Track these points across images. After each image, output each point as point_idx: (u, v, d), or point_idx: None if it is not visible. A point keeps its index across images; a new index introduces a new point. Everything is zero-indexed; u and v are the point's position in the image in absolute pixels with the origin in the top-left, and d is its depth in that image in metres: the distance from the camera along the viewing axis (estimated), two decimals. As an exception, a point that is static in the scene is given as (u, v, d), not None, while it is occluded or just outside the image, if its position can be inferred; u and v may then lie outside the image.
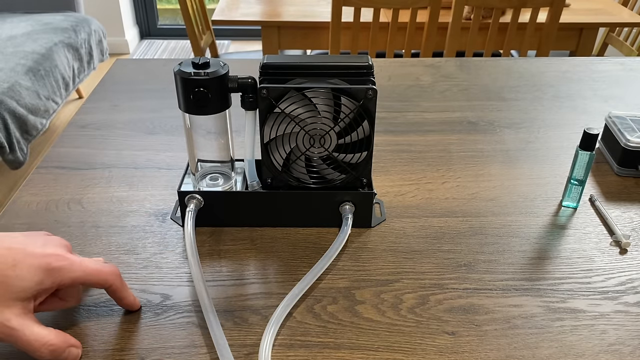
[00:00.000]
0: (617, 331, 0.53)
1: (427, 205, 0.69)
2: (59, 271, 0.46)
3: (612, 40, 2.44)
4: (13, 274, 0.44)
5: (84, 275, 0.47)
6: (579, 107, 0.94)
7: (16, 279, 0.44)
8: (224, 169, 0.66)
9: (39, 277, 0.45)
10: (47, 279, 0.45)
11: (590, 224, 0.67)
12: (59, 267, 0.46)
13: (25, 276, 0.44)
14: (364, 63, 0.60)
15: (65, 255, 0.47)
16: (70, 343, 0.47)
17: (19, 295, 0.44)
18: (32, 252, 0.45)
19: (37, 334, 0.44)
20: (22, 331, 0.44)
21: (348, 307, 0.55)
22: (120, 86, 0.99)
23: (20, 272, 0.44)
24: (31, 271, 0.44)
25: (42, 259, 0.45)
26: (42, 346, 0.44)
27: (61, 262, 0.46)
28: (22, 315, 0.44)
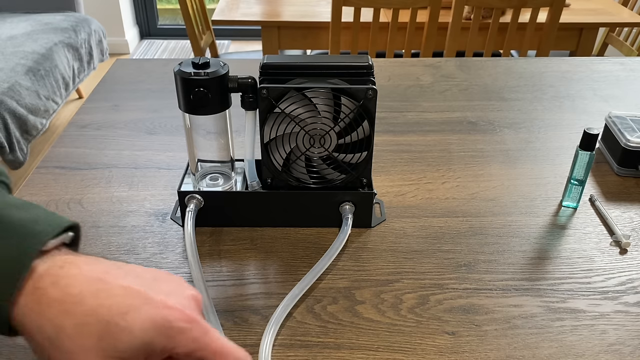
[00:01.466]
0: (617, 331, 0.52)
1: (427, 205, 0.69)
2: (179, 334, 0.34)
3: (612, 40, 2.44)
4: (123, 324, 0.33)
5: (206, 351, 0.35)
6: (579, 107, 0.94)
7: (125, 331, 0.33)
8: (224, 169, 0.66)
9: (150, 336, 0.33)
10: (160, 340, 0.34)
11: (590, 224, 0.67)
12: (180, 329, 0.34)
13: (135, 330, 0.33)
14: (364, 63, 0.60)
15: (192, 315, 0.35)
16: None
17: (124, 354, 0.33)
18: (153, 299, 0.34)
19: None
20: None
21: (348, 307, 0.55)
22: (120, 86, 0.99)
23: (132, 323, 0.33)
24: (144, 325, 0.33)
25: (162, 311, 0.34)
26: None
27: (185, 323, 0.34)
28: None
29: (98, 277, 0.34)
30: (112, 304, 0.33)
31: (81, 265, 0.35)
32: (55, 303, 0.32)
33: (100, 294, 0.33)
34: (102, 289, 0.34)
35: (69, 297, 0.33)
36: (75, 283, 0.33)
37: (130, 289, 0.34)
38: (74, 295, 0.33)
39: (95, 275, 0.34)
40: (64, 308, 0.32)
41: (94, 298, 0.33)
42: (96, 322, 0.32)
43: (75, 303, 0.32)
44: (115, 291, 0.34)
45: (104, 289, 0.34)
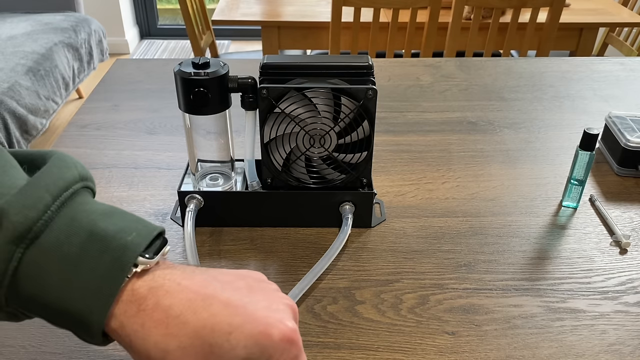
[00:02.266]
0: (617, 331, 0.52)
1: (427, 205, 0.69)
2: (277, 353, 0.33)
3: (612, 40, 2.44)
4: (227, 346, 0.32)
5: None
6: (579, 107, 0.94)
7: (229, 353, 0.32)
8: (224, 169, 0.66)
9: (250, 353, 0.33)
10: (258, 356, 0.33)
11: (590, 224, 0.67)
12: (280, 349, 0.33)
13: (238, 350, 0.32)
14: (364, 63, 0.60)
15: (293, 334, 0.34)
16: None
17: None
18: (254, 314, 0.33)
19: None
20: None
21: (348, 307, 0.55)
22: (120, 86, 0.99)
23: (236, 344, 0.32)
24: (247, 343, 0.32)
25: (265, 328, 0.33)
26: None
27: (286, 343, 0.33)
28: None
29: (198, 293, 0.34)
30: (214, 324, 0.32)
31: (180, 282, 0.34)
32: (159, 326, 0.32)
33: (202, 314, 0.33)
34: (204, 308, 0.33)
35: (172, 319, 0.32)
36: (176, 303, 0.33)
37: (231, 306, 0.33)
38: (176, 317, 0.32)
39: (195, 291, 0.34)
40: (168, 332, 0.32)
41: (196, 319, 0.32)
42: (201, 344, 0.32)
43: (178, 325, 0.32)
44: (216, 309, 0.33)
45: (205, 308, 0.33)
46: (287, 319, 0.35)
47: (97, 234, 0.33)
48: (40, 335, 0.51)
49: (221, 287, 0.35)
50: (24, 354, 0.49)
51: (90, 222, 0.34)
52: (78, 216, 0.34)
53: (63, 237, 0.32)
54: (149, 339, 0.32)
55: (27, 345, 0.50)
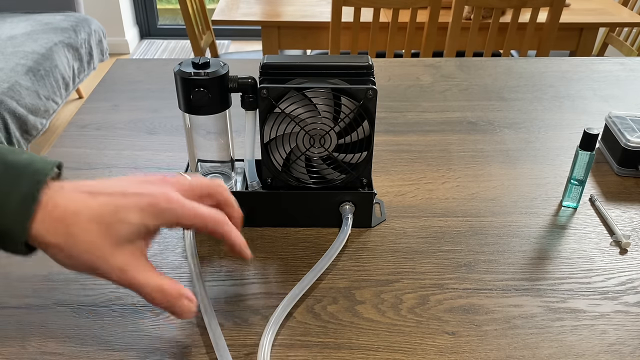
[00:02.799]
0: (617, 331, 0.53)
1: (427, 205, 0.69)
2: (164, 213, 0.43)
3: (612, 40, 2.44)
4: (116, 219, 0.42)
5: (187, 217, 0.44)
6: (579, 107, 0.94)
7: (121, 223, 0.42)
8: (224, 169, 0.66)
9: (144, 219, 0.42)
10: (152, 220, 0.43)
11: (590, 224, 0.67)
12: (164, 209, 0.43)
13: (129, 219, 0.42)
14: (364, 63, 0.60)
15: (171, 195, 0.44)
16: (184, 294, 0.44)
17: (128, 237, 0.42)
18: (135, 192, 0.43)
19: (150, 278, 0.43)
20: (135, 274, 0.43)
21: (348, 307, 0.55)
22: (120, 86, 0.99)
23: (124, 215, 0.42)
24: (135, 214, 0.42)
25: (146, 198, 0.43)
26: (154, 291, 0.43)
27: (166, 204, 0.43)
28: (136, 258, 0.43)
29: (86, 190, 0.43)
30: (103, 210, 0.42)
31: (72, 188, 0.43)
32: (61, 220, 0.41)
33: (94, 202, 0.42)
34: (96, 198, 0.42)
35: (69, 213, 0.41)
36: (73, 200, 0.42)
37: (115, 192, 0.43)
38: (73, 208, 0.41)
39: (87, 189, 0.43)
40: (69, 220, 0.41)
41: (91, 207, 0.42)
42: (98, 223, 0.41)
43: (76, 214, 0.41)
44: (102, 200, 0.42)
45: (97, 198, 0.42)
46: (165, 189, 0.44)
47: (10, 164, 0.40)
48: (40, 335, 0.51)
49: (107, 185, 0.44)
50: (24, 354, 0.49)
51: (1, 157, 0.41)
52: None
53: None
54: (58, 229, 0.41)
55: (27, 345, 0.50)
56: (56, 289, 0.56)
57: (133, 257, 0.43)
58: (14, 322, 0.52)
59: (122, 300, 0.55)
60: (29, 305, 0.54)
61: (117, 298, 0.55)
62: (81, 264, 0.42)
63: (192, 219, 0.44)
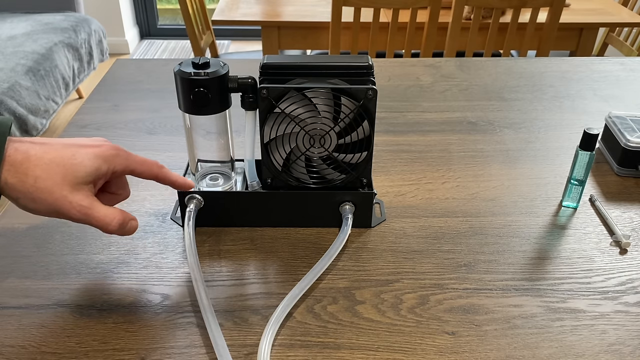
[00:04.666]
0: (617, 331, 0.53)
1: (427, 205, 0.69)
2: (114, 158, 0.51)
3: (612, 40, 2.44)
4: (74, 162, 0.49)
5: (133, 163, 0.53)
6: (579, 107, 0.94)
7: (79, 165, 0.49)
8: (224, 169, 0.66)
9: (97, 163, 0.50)
10: (104, 164, 0.51)
11: (590, 224, 0.67)
12: (113, 155, 0.51)
13: (85, 163, 0.49)
14: (364, 63, 0.60)
15: (115, 146, 0.53)
16: (130, 217, 0.53)
17: (85, 179, 0.49)
18: (86, 144, 0.51)
19: (106, 210, 0.51)
20: (94, 210, 0.50)
21: (348, 307, 0.55)
22: (120, 86, 0.99)
23: (81, 160, 0.49)
24: (89, 159, 0.50)
25: (96, 148, 0.51)
26: (112, 221, 0.51)
27: (114, 150, 0.52)
28: (90, 197, 0.50)
29: (42, 142, 0.50)
30: (61, 154, 0.49)
31: (28, 140, 0.50)
32: (24, 163, 0.48)
33: (50, 151, 0.49)
34: (50, 148, 0.49)
35: (31, 157, 0.48)
36: (30, 149, 0.48)
37: (67, 143, 0.51)
38: (33, 155, 0.48)
39: (40, 141, 0.50)
40: (32, 164, 0.48)
41: (47, 154, 0.49)
42: (57, 165, 0.48)
43: (37, 159, 0.48)
44: (58, 147, 0.50)
45: (51, 148, 0.49)
46: (109, 144, 0.53)
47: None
48: (40, 335, 0.51)
49: (60, 140, 0.51)
50: (24, 354, 0.49)
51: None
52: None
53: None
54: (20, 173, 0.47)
55: (27, 345, 0.50)
56: (56, 289, 0.56)
57: (87, 196, 0.50)
58: (14, 322, 0.52)
59: (122, 300, 0.55)
60: (29, 305, 0.54)
61: (117, 298, 0.55)
62: (44, 206, 0.48)
63: (140, 164, 0.53)
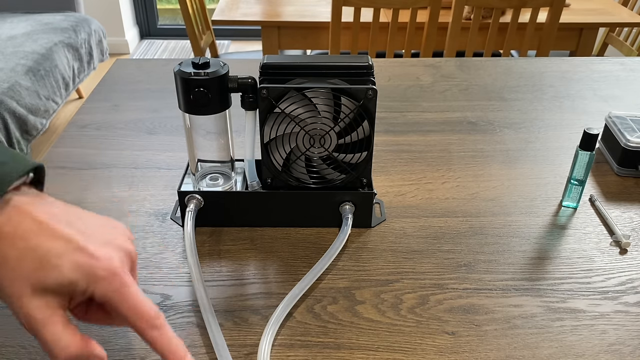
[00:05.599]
0: (617, 331, 0.53)
1: (427, 205, 0.69)
2: (100, 280, 0.39)
3: (612, 40, 2.44)
4: (54, 263, 0.39)
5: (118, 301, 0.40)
6: (579, 107, 0.94)
7: (55, 269, 0.39)
8: (224, 169, 0.66)
9: (76, 277, 0.39)
10: (82, 282, 0.39)
11: (590, 224, 0.67)
12: (101, 277, 0.39)
13: (64, 270, 0.39)
14: (364, 63, 0.60)
15: (116, 268, 0.40)
16: (93, 353, 0.40)
17: (53, 288, 0.39)
18: (85, 248, 0.40)
19: (59, 335, 0.39)
20: (44, 327, 0.39)
21: (348, 307, 0.55)
22: (120, 86, 0.99)
23: (62, 264, 0.39)
24: (70, 268, 0.39)
25: (89, 259, 0.39)
26: (61, 351, 0.39)
27: (107, 273, 0.40)
28: (50, 309, 0.39)
29: (46, 220, 0.40)
30: (50, 247, 0.39)
31: (37, 207, 0.40)
32: (6, 238, 0.38)
33: (42, 235, 0.39)
34: (46, 232, 0.39)
35: (18, 233, 0.39)
36: (25, 223, 0.39)
37: (70, 236, 0.40)
38: (21, 233, 0.39)
39: (45, 218, 0.40)
40: (12, 242, 0.38)
41: (36, 238, 0.39)
42: (32, 258, 0.38)
43: (21, 239, 0.39)
44: (56, 235, 0.39)
45: (47, 232, 0.39)
46: (116, 260, 0.41)
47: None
48: (40, 335, 0.51)
49: (69, 221, 0.41)
50: (24, 354, 0.49)
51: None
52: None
53: None
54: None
55: (27, 345, 0.50)
56: (56, 289, 0.56)
57: (48, 308, 0.39)
58: (14, 322, 0.52)
59: (122, 300, 0.55)
60: (29, 305, 0.54)
61: (117, 298, 0.55)
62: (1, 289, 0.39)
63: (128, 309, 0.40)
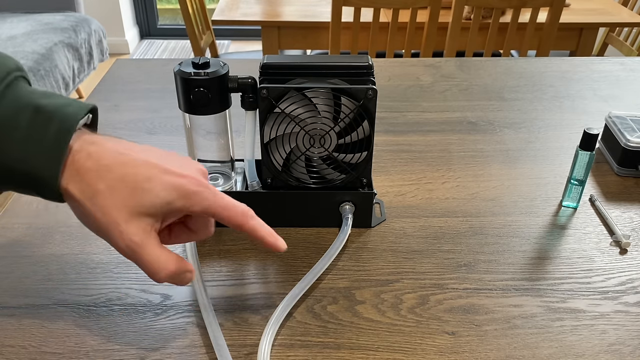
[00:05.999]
0: (617, 331, 0.53)
1: (427, 205, 0.69)
2: (193, 195, 0.42)
3: (612, 40, 2.44)
4: (146, 187, 0.41)
5: (216, 207, 0.44)
6: (579, 107, 0.94)
7: (148, 192, 0.41)
8: (224, 169, 0.66)
9: (171, 197, 0.41)
10: (179, 200, 0.42)
11: (590, 224, 0.67)
12: (194, 192, 0.42)
13: (157, 192, 0.41)
14: (364, 63, 0.60)
15: (202, 181, 0.44)
16: (186, 269, 0.44)
17: (149, 210, 0.41)
18: (169, 170, 0.42)
19: (157, 256, 0.42)
20: (144, 249, 0.41)
21: (348, 307, 0.55)
22: (120, 86, 0.99)
23: (154, 186, 0.41)
24: (165, 189, 0.41)
25: (178, 179, 0.42)
26: (161, 270, 0.42)
27: (197, 187, 0.43)
28: (147, 233, 0.42)
29: (122, 151, 0.42)
30: (137, 173, 0.41)
31: (106, 143, 0.42)
32: (91, 172, 0.40)
33: (126, 165, 0.41)
34: (127, 161, 0.41)
35: (102, 167, 0.40)
36: (105, 156, 0.41)
37: (150, 162, 0.42)
38: (105, 165, 0.41)
39: (120, 150, 0.42)
40: (98, 175, 0.40)
41: (121, 167, 0.41)
42: (124, 187, 0.40)
43: (107, 171, 0.40)
44: (138, 163, 0.42)
45: (128, 161, 0.41)
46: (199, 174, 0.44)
47: (41, 109, 0.40)
48: (40, 335, 0.51)
49: (142, 150, 0.43)
50: (24, 354, 0.49)
51: (33, 100, 0.40)
52: (22, 96, 0.40)
53: (11, 113, 0.39)
54: (83, 182, 0.40)
55: (27, 345, 0.50)
56: (56, 289, 0.56)
57: (144, 231, 0.41)
58: (14, 322, 0.52)
59: (122, 300, 0.55)
60: (29, 305, 0.54)
61: (117, 298, 0.55)
62: (94, 225, 0.42)
63: (223, 209, 0.44)
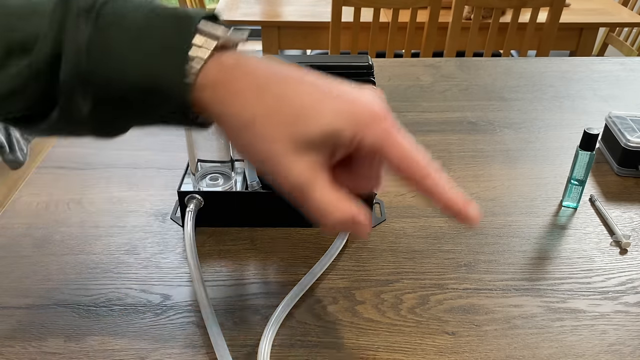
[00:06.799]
0: (617, 331, 0.52)
1: (427, 205, 0.69)
2: (372, 122, 0.34)
3: (612, 40, 2.44)
4: (314, 112, 0.33)
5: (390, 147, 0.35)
6: (579, 107, 0.94)
7: (316, 119, 0.33)
8: (224, 169, 0.66)
9: (340, 125, 0.33)
10: (350, 128, 0.33)
11: (590, 224, 0.67)
12: (368, 122, 0.34)
13: (325, 118, 0.33)
14: (364, 63, 0.60)
15: (377, 112, 0.35)
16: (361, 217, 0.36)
17: (314, 141, 0.33)
18: (341, 93, 0.34)
19: (328, 197, 0.34)
20: (313, 188, 0.34)
21: (348, 307, 0.55)
22: (120, 86, 0.99)
23: (323, 111, 0.33)
24: (333, 114, 0.33)
25: (351, 105, 0.34)
26: (333, 213, 0.34)
27: (370, 116, 0.34)
28: (315, 170, 0.34)
29: (282, 72, 0.34)
30: (302, 95, 0.33)
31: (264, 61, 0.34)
32: (242, 94, 0.32)
33: (288, 85, 0.33)
34: (289, 80, 0.33)
35: (260, 87, 0.33)
36: (263, 75, 0.33)
37: (318, 83, 0.34)
38: (263, 85, 0.33)
39: (279, 70, 0.34)
40: (256, 97, 0.32)
41: (282, 89, 0.33)
42: (288, 109, 0.33)
43: (265, 93, 0.33)
44: (301, 84, 0.34)
45: (291, 80, 0.33)
46: (376, 102, 0.35)
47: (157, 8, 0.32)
48: (40, 335, 0.51)
49: (305, 71, 0.35)
50: (24, 354, 0.49)
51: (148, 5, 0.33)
52: None
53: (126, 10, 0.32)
54: (237, 103, 0.32)
55: (27, 345, 0.50)
56: (56, 289, 0.56)
57: (313, 167, 0.34)
58: (14, 322, 0.52)
59: (122, 300, 0.55)
60: (29, 305, 0.54)
61: (117, 298, 0.55)
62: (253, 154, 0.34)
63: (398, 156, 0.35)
